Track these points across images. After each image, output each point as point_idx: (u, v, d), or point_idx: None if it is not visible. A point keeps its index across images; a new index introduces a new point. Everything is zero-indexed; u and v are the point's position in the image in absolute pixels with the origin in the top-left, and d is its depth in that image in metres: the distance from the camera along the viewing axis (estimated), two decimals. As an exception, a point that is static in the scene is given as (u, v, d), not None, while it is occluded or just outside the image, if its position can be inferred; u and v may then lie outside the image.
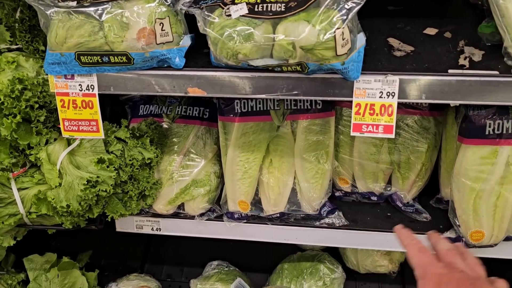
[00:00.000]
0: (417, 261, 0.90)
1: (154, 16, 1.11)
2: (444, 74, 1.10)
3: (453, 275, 0.84)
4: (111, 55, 1.14)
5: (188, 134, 1.58)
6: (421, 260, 0.89)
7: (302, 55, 1.04)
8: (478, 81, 1.08)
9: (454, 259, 0.90)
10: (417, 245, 0.93)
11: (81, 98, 1.23)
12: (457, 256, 0.91)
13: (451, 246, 0.94)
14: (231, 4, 1.08)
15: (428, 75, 1.11)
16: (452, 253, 0.92)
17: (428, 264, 0.87)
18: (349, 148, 1.56)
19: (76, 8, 1.12)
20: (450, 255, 0.91)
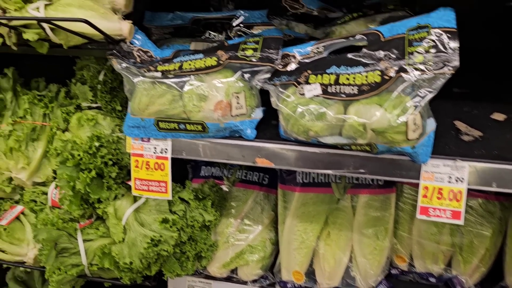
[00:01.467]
0: None
1: (231, 90, 1.18)
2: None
3: None
4: (188, 123, 1.22)
5: (247, 198, 1.61)
6: None
7: (372, 136, 1.07)
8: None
9: None
10: None
11: (154, 160, 1.30)
12: None
13: None
14: (305, 83, 1.14)
15: (499, 163, 1.10)
16: None
17: None
18: (408, 225, 1.53)
19: (161, 79, 1.22)
20: None
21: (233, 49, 1.23)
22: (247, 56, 1.21)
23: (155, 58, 1.33)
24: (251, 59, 1.20)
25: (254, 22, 1.62)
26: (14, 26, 1.29)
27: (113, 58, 1.28)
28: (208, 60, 1.22)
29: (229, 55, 1.21)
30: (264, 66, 1.19)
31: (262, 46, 1.23)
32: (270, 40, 1.25)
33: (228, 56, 1.21)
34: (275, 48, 1.22)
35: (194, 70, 1.21)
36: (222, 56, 1.22)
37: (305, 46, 1.20)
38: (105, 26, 1.24)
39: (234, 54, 1.21)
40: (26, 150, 1.58)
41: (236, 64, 1.20)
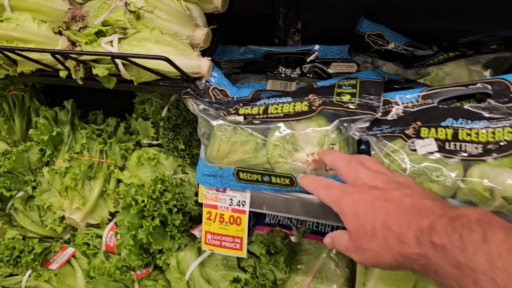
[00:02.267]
0: (328, 199, 0.81)
1: (327, 141, 1.04)
2: None
3: (364, 197, 0.74)
4: (273, 175, 1.07)
5: (319, 252, 1.45)
6: (331, 196, 0.80)
7: (502, 204, 0.90)
8: None
9: (357, 173, 0.81)
10: (322, 182, 0.83)
11: (230, 213, 1.16)
12: (360, 167, 0.82)
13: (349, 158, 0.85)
14: (416, 137, 0.98)
15: None
16: (353, 167, 0.83)
17: (339, 198, 0.78)
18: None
19: (244, 124, 1.09)
20: (352, 170, 0.82)
21: (326, 93, 1.09)
22: (344, 102, 1.06)
23: (231, 97, 1.20)
24: (348, 106, 1.05)
25: (332, 58, 1.48)
26: (84, 60, 1.19)
27: (188, 98, 1.16)
28: (298, 104, 1.08)
29: (322, 100, 1.07)
30: (364, 115, 1.04)
31: (360, 91, 1.08)
32: (368, 84, 1.09)
33: (321, 101, 1.06)
34: (376, 93, 1.06)
35: (282, 116, 1.07)
36: (315, 101, 1.07)
37: (410, 92, 1.05)
38: (184, 63, 1.12)
39: (329, 100, 1.06)
40: (82, 190, 1.46)
41: (331, 110, 1.05)
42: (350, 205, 0.76)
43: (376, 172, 0.81)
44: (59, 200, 1.49)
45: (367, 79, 1.11)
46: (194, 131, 1.56)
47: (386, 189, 0.75)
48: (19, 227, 1.57)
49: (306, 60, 1.50)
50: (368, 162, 0.88)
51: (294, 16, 1.64)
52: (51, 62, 1.27)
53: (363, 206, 0.74)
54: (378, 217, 0.70)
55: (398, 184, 0.77)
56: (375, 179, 0.79)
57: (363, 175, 0.80)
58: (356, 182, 0.80)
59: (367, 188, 0.76)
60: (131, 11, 1.13)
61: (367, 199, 0.74)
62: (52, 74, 1.33)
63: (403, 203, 0.71)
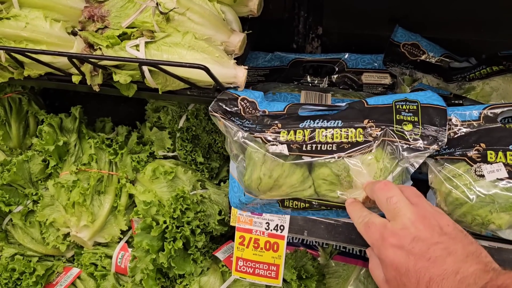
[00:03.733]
0: (368, 239, 0.77)
1: (383, 175, 0.92)
2: None
3: (406, 251, 0.70)
4: (324, 205, 0.96)
5: (348, 275, 1.35)
6: (371, 238, 0.76)
7: None
8: None
9: (398, 211, 0.75)
10: (365, 219, 0.78)
11: (266, 238, 1.06)
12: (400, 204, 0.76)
13: (389, 192, 0.79)
14: (483, 162, 0.90)
15: None
16: (393, 204, 0.77)
17: (379, 242, 0.73)
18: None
19: (292, 160, 0.95)
20: (392, 207, 0.76)
21: (383, 120, 0.94)
22: (406, 132, 0.91)
23: (261, 111, 1.07)
24: (411, 139, 0.90)
25: (364, 68, 1.40)
26: (104, 65, 1.06)
27: (219, 118, 1.03)
28: (352, 132, 0.93)
29: (381, 129, 0.92)
30: (427, 150, 0.90)
31: (422, 120, 0.93)
32: (432, 112, 0.94)
33: (380, 131, 0.92)
34: (440, 124, 0.92)
35: (336, 150, 0.92)
36: (372, 130, 0.92)
37: (469, 108, 0.97)
38: (220, 72, 1.01)
39: (389, 129, 0.92)
40: (91, 205, 1.33)
41: (391, 143, 0.90)
42: (390, 256, 0.73)
43: (417, 212, 0.75)
44: (63, 216, 1.35)
45: (428, 104, 0.96)
46: (213, 142, 1.44)
47: (429, 243, 0.71)
48: (17, 245, 1.43)
49: (335, 69, 1.41)
50: (407, 192, 0.81)
51: (315, 21, 1.54)
52: (64, 66, 1.14)
53: (405, 262, 0.71)
54: (421, 281, 0.68)
55: (441, 234, 0.72)
56: (417, 223, 0.74)
57: (404, 215, 0.75)
58: (397, 221, 0.75)
59: (409, 240, 0.72)
60: (162, 13, 1.01)
61: (409, 254, 0.71)
62: (62, 78, 1.21)
63: (446, 266, 0.68)
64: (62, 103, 1.69)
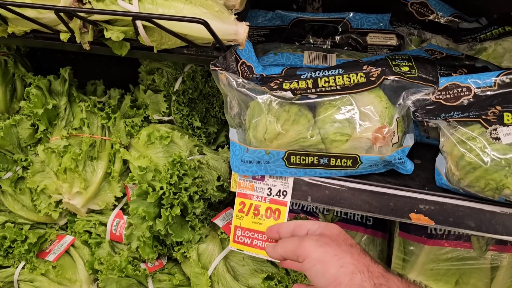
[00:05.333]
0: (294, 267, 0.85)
1: (392, 114, 0.91)
2: None
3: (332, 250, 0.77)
4: (333, 157, 0.93)
5: (349, 242, 1.32)
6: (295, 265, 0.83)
7: None
8: None
9: None
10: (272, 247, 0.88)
11: (267, 205, 1.01)
12: None
13: None
14: (499, 124, 0.85)
15: None
16: None
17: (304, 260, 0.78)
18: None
19: (296, 100, 0.92)
20: None
21: (382, 65, 0.95)
22: (404, 72, 0.93)
23: (258, 75, 1.02)
24: (409, 77, 0.92)
25: (369, 28, 1.33)
26: (95, 21, 0.99)
27: (220, 71, 0.98)
28: (354, 76, 0.94)
29: (381, 70, 0.93)
30: (426, 86, 0.91)
31: (417, 65, 0.95)
32: (423, 61, 0.97)
33: (380, 71, 0.93)
34: (432, 70, 0.95)
35: (340, 89, 0.92)
36: (373, 72, 0.93)
37: (485, 76, 0.91)
38: (220, 28, 0.94)
39: (389, 70, 0.93)
40: (84, 171, 1.28)
41: (389, 81, 0.92)
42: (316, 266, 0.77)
43: None
44: (55, 182, 1.30)
45: (418, 55, 0.99)
46: (210, 106, 1.38)
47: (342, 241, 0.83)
48: (7, 212, 1.37)
49: (339, 30, 1.34)
50: None
51: (317, -21, 1.46)
52: (51, 22, 1.05)
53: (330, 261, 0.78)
54: None
55: None
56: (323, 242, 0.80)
57: None
58: None
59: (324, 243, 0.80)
60: (156, -38, 0.93)
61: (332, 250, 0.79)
62: (49, 36, 1.13)
63: None
64: (50, 66, 1.60)
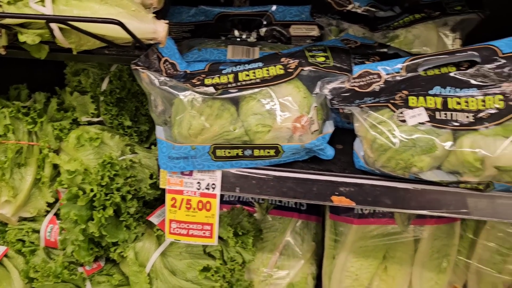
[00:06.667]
0: None
1: (310, 103, 0.96)
2: None
3: None
4: (256, 148, 0.97)
5: (285, 228, 1.38)
6: None
7: (492, 174, 0.87)
8: None
9: None
10: None
11: (198, 198, 1.04)
12: None
13: None
14: (405, 107, 0.92)
15: None
16: None
17: None
18: (467, 253, 1.37)
19: (218, 95, 0.95)
20: None
21: (298, 57, 1.00)
22: (320, 62, 0.98)
23: (182, 71, 1.05)
24: (325, 67, 0.98)
25: (291, 20, 1.37)
26: (7, 24, 0.96)
27: (142, 70, 0.99)
28: (272, 69, 0.98)
29: (299, 61, 0.98)
30: (341, 74, 0.97)
31: (333, 55, 1.01)
32: (338, 50, 1.03)
33: (297, 63, 0.98)
34: (347, 59, 1.01)
35: (259, 82, 0.96)
36: (290, 64, 0.98)
37: (393, 63, 0.98)
38: (138, 27, 0.94)
39: (306, 61, 0.98)
40: (12, 179, 1.24)
41: (305, 72, 0.97)
42: None
43: None
44: (-18, 192, 1.26)
45: (334, 45, 1.06)
46: (140, 105, 1.38)
47: None
48: None
49: (263, 23, 1.38)
50: None
51: (241, -28, 1.48)
52: (-40, 27, 1.02)
53: None
54: None
55: None
56: None
57: None
58: None
59: None
60: (67, -37, 0.92)
61: None
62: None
63: None
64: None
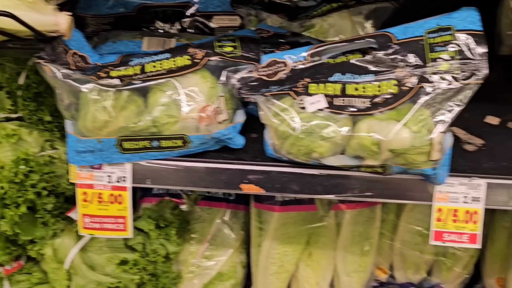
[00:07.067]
0: None
1: (216, 93, 0.97)
2: (533, 178, 1.00)
3: None
4: (163, 139, 0.96)
5: (213, 218, 1.39)
6: None
7: (388, 157, 0.90)
8: None
9: None
10: None
11: (109, 192, 1.03)
12: None
13: None
14: (305, 94, 0.93)
15: (515, 179, 1.00)
16: None
17: None
18: (390, 236, 1.42)
19: (123, 86, 0.95)
20: None
21: (206, 47, 1.01)
22: (227, 52, 1.00)
23: (92, 64, 1.03)
24: (232, 56, 0.99)
25: (213, 11, 1.37)
26: None
27: (44, 64, 0.97)
28: (179, 59, 0.99)
29: (205, 52, 0.99)
30: (248, 64, 0.99)
31: (242, 46, 1.03)
32: (248, 40, 1.04)
33: (204, 53, 0.98)
34: (255, 49, 1.03)
35: (165, 73, 0.97)
36: (197, 54, 0.99)
37: (298, 51, 0.99)
38: (36, 20, 0.91)
39: (213, 51, 0.99)
40: None
41: (213, 62, 0.98)
42: None
43: None
44: None
45: (245, 35, 1.07)
46: (61, 99, 1.35)
47: None
48: None
49: (186, 14, 1.37)
50: None
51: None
52: None
53: None
54: None
55: None
56: None
57: None
58: None
59: None
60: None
61: None
62: None
63: None
64: None
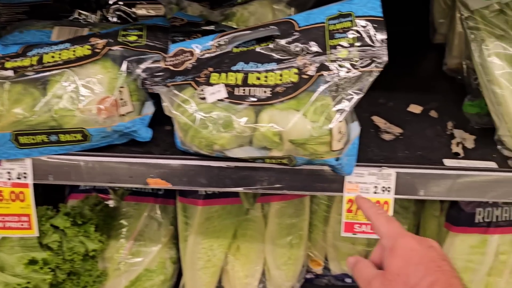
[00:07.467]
0: (386, 230, 0.75)
1: (116, 84, 0.93)
2: (442, 167, 0.99)
3: (424, 252, 0.71)
4: (61, 133, 0.92)
5: (140, 214, 1.35)
6: (391, 230, 0.75)
7: (290, 148, 0.88)
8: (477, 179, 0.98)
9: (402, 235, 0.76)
10: (384, 214, 0.79)
11: (10, 189, 0.98)
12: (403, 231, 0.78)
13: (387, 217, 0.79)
14: (206, 84, 0.90)
15: (425, 168, 0.98)
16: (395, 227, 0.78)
17: (398, 236, 0.73)
18: (323, 228, 1.41)
19: (15, 78, 0.90)
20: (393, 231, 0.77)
21: (110, 36, 0.97)
22: (130, 41, 0.96)
23: None
24: (135, 46, 0.96)
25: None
26: None
27: None
28: (79, 49, 0.95)
29: (107, 41, 0.95)
30: (151, 54, 0.95)
31: (148, 35, 0.99)
32: (155, 29, 1.01)
33: (105, 42, 0.95)
34: (163, 38, 1.00)
35: (62, 64, 0.93)
36: (98, 44, 0.95)
37: (205, 40, 0.96)
38: None
39: (114, 40, 0.95)
40: None
41: (117, 52, 0.95)
42: (407, 248, 0.70)
43: None
44: None
45: (154, 24, 1.04)
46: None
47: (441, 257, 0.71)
48: None
49: (108, 2, 1.32)
50: None
51: None
52: None
53: (418, 258, 0.69)
54: (427, 278, 0.66)
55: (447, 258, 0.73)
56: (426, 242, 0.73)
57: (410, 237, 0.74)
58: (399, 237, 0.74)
59: (427, 246, 0.72)
60: None
61: (425, 255, 0.70)
62: None
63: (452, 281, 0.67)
64: None
